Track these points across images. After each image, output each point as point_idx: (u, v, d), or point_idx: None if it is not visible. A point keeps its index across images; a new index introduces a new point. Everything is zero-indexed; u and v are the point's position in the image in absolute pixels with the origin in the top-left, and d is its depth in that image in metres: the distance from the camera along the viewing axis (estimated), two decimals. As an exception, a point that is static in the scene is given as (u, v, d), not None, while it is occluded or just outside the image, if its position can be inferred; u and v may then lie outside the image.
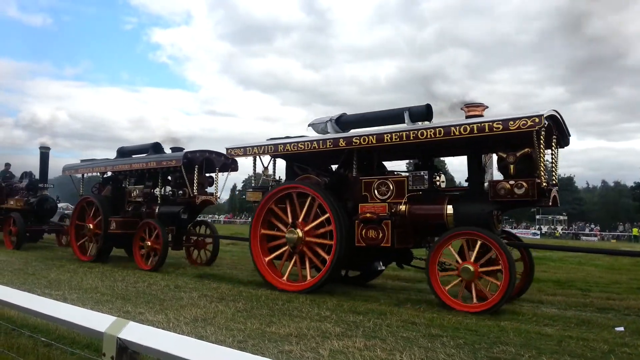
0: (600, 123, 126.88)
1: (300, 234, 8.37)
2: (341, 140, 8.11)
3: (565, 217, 60.62)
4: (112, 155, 15.45)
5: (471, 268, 6.87)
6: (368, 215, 7.74)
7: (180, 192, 11.29)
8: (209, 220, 21.71)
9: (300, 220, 8.45)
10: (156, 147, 12.34)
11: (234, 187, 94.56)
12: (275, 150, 8.87)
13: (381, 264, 9.25)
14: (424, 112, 7.99)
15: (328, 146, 8.19)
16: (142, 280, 9.12)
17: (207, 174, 11.87)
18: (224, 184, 12.24)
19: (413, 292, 8.86)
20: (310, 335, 5.21)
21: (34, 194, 15.85)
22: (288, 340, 4.99)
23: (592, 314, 7.20)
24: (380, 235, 7.61)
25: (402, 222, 7.71)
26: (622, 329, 5.95)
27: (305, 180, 8.85)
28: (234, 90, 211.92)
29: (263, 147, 9.04)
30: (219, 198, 12.05)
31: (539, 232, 52.90)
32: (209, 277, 9.77)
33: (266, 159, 9.45)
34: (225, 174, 12.18)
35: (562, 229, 56.27)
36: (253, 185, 9.69)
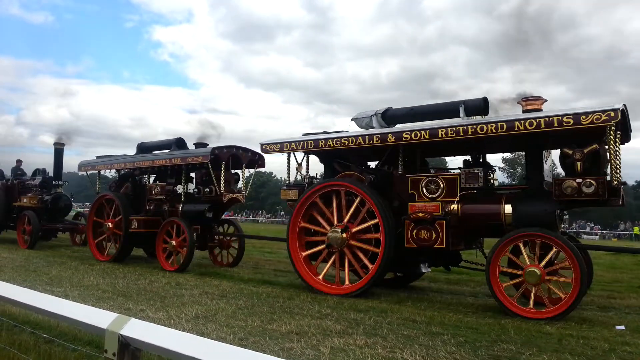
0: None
1: (344, 234, 7.92)
2: (390, 136, 7.65)
3: (567, 216, 60.48)
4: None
5: (537, 271, 6.40)
6: (420, 214, 7.31)
7: (207, 189, 10.77)
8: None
9: (345, 219, 8.01)
10: (179, 143, 11.89)
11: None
12: (315, 146, 8.34)
13: (426, 265, 8.69)
14: (481, 106, 7.59)
15: (375, 142, 7.74)
16: (143, 277, 9.13)
17: (233, 171, 11.47)
18: (251, 181, 11.61)
19: (414, 290, 8.87)
20: (311, 332, 5.22)
21: (48, 191, 15.33)
22: (289, 337, 4.99)
23: (593, 312, 7.19)
24: (434, 236, 7.18)
25: (454, 222, 7.31)
26: (623, 327, 5.95)
27: (347, 177, 8.40)
28: (235, 89, 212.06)
29: (302, 143, 8.53)
30: (245, 196, 11.50)
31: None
32: (210, 275, 9.78)
33: (299, 155, 9.11)
34: (252, 170, 11.62)
35: (563, 227, 56.09)
36: (287, 183, 9.15)
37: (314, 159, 9.26)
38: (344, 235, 7.93)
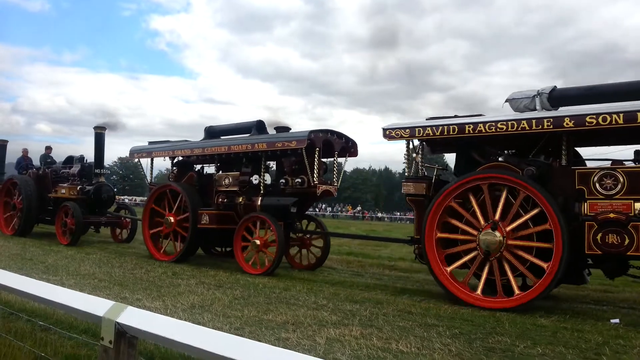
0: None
1: (501, 236, 6.64)
2: (567, 120, 6.40)
3: None
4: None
5: None
6: (612, 215, 6.15)
7: (298, 180, 9.38)
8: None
9: (498, 218, 6.74)
10: (260, 127, 10.40)
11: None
12: (460, 131, 7.10)
13: (589, 272, 7.64)
14: None
15: (546, 127, 6.51)
16: (139, 267, 9.14)
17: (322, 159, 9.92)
18: (342, 172, 10.19)
19: (410, 282, 8.91)
20: (307, 323, 5.23)
21: (88, 180, 13.73)
22: (285, 327, 5.01)
23: (588, 305, 7.24)
24: (627, 241, 6.02)
25: None
26: (617, 321, 5.99)
27: (496, 169, 7.16)
28: (233, 79, 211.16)
29: (441, 128, 7.24)
30: (338, 188, 10.12)
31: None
32: (207, 265, 9.79)
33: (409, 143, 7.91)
34: (343, 159, 10.38)
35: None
36: (408, 175, 7.87)
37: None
38: (500, 236, 6.64)
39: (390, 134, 7.70)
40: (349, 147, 10.19)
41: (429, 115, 8.25)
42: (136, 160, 12.17)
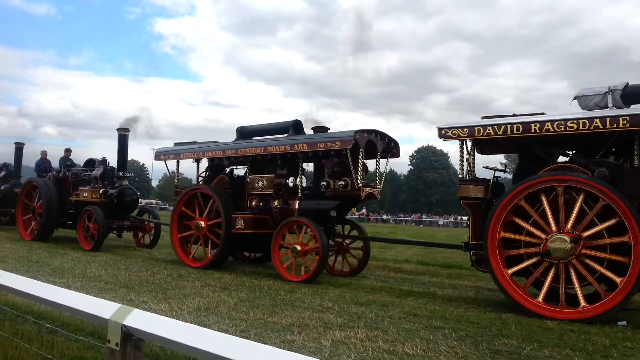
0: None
1: (573, 243, 6.16)
2: None
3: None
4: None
5: None
6: None
7: (341, 182, 8.76)
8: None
9: (569, 225, 6.23)
10: (297, 126, 9.93)
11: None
12: (525, 130, 6.63)
13: None
14: None
15: (621, 125, 6.02)
16: (145, 269, 9.16)
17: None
18: (384, 174, 9.64)
19: (415, 284, 8.88)
20: (313, 325, 5.23)
21: (111, 184, 13.29)
22: (290, 330, 5.01)
23: (594, 308, 7.19)
24: None
25: None
26: (624, 323, 5.95)
27: (566, 170, 6.73)
28: (237, 81, 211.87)
29: (503, 127, 6.78)
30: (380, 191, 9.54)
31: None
32: (212, 267, 9.80)
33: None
34: (385, 160, 9.79)
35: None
36: (463, 177, 7.41)
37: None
38: (572, 244, 6.15)
39: (446, 133, 7.23)
40: (390, 148, 9.72)
41: (432, 117, 8.33)
42: (163, 160, 11.42)
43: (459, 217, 74.36)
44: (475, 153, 7.75)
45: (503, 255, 6.68)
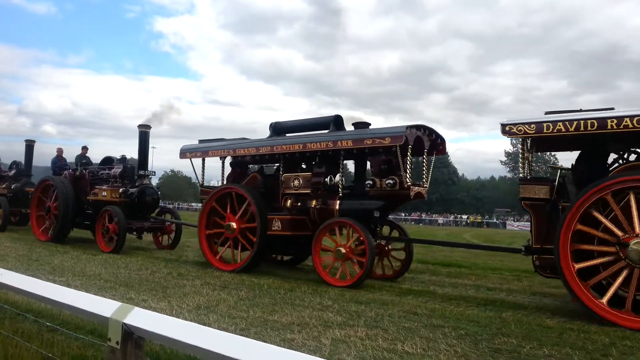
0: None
1: None
2: None
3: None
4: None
5: None
6: None
7: (390, 181, 8.24)
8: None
9: None
10: (338, 122, 9.35)
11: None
12: (601, 126, 6.13)
13: None
14: None
15: None
16: (145, 267, 9.16)
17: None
18: (430, 172, 9.03)
19: (415, 283, 8.89)
20: (312, 324, 5.23)
21: (131, 182, 12.77)
22: (290, 328, 5.01)
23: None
24: None
25: None
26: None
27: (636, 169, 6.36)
28: (237, 80, 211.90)
29: (576, 123, 6.29)
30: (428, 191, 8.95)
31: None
32: (212, 266, 9.80)
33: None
34: (432, 157, 9.29)
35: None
36: (525, 177, 6.94)
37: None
38: None
39: (510, 130, 6.75)
40: (437, 144, 9.14)
41: (431, 116, 8.22)
42: (189, 158, 10.75)
43: (459, 216, 74.50)
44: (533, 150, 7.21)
45: (574, 262, 6.17)
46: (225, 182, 10.61)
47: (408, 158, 8.20)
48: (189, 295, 6.54)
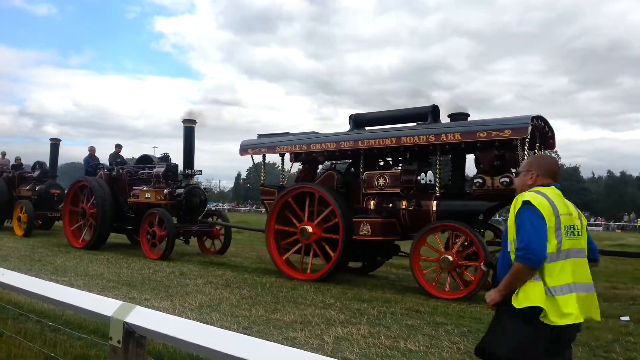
0: (604, 113, 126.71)
1: None
2: None
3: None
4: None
5: None
6: None
7: (505, 179, 7.01)
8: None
9: None
10: (435, 113, 8.18)
11: (239, 175, 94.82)
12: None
13: None
14: None
15: None
16: (147, 267, 9.17)
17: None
18: None
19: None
20: (315, 322, 5.23)
21: (175, 183, 11.68)
22: (293, 327, 5.01)
23: (597, 303, 7.17)
24: None
25: None
26: (627, 318, 5.95)
27: None
28: (238, 79, 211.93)
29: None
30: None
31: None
32: (214, 265, 9.81)
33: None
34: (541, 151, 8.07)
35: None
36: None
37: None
38: None
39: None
40: (547, 138, 8.03)
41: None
42: (250, 154, 9.65)
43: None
44: None
45: None
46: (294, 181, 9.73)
47: (525, 152, 7.01)
48: (191, 294, 6.54)
